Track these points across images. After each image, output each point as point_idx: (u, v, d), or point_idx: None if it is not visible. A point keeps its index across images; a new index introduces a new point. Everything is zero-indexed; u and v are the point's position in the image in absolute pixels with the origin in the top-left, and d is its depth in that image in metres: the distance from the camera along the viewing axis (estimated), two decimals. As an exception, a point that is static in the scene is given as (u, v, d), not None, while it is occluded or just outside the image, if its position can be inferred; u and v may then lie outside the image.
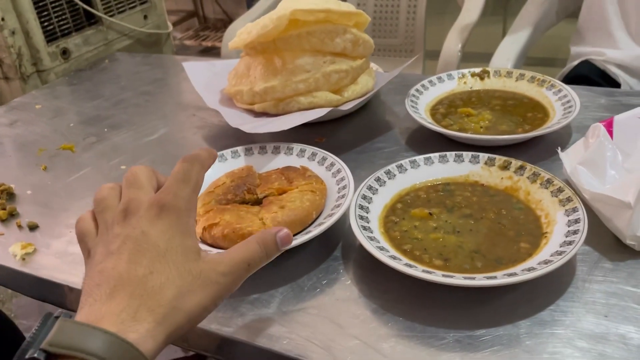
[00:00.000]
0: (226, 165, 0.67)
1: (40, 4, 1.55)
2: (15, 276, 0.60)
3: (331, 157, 0.64)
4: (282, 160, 0.68)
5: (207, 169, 0.44)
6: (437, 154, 0.62)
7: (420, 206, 0.57)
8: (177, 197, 0.40)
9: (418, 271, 0.47)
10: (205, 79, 0.88)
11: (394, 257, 0.49)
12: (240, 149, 0.69)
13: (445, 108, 0.77)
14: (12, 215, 0.68)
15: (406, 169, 0.61)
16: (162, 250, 0.38)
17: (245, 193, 0.61)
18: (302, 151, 0.67)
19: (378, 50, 1.80)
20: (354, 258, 0.55)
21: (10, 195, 0.72)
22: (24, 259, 0.60)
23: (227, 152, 0.69)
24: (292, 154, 0.68)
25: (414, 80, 0.84)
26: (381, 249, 0.50)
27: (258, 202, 0.60)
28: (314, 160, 0.66)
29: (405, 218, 0.56)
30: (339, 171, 0.62)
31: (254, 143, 0.70)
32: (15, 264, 0.60)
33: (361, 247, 0.52)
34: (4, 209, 0.68)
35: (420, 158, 0.62)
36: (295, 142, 0.69)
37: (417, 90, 0.79)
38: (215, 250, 0.54)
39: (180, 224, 0.40)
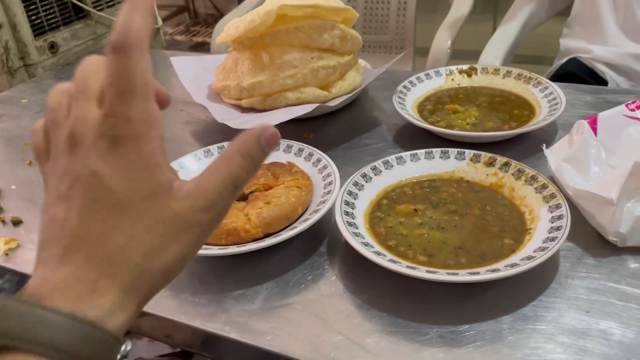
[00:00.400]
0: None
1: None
2: (-2, 271, 0.60)
3: (318, 153, 0.64)
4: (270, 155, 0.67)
5: (149, 43, 0.31)
6: (423, 151, 0.62)
7: (406, 202, 0.57)
8: (130, 121, 0.29)
9: (402, 267, 0.47)
10: (193, 74, 0.87)
11: (378, 253, 0.49)
12: (227, 144, 0.69)
13: (433, 105, 0.77)
14: (-5, 210, 0.68)
15: (392, 165, 0.61)
16: (120, 198, 0.29)
17: None
18: (289, 147, 0.67)
19: (368, 47, 1.80)
20: (339, 254, 0.55)
21: (-6, 190, 0.72)
22: (7, 255, 0.60)
23: (213, 148, 0.68)
24: (278, 149, 0.67)
25: (402, 76, 0.84)
26: (366, 244, 0.50)
27: (244, 198, 0.60)
28: (300, 156, 0.66)
29: (390, 214, 0.56)
30: (325, 167, 0.62)
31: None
32: (-2, 259, 0.59)
33: (346, 243, 0.52)
34: (-12, 204, 0.68)
35: (406, 154, 0.62)
36: (282, 138, 0.68)
37: (404, 86, 0.79)
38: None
39: (141, 155, 0.30)
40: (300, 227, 0.53)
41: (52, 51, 1.63)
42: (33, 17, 1.56)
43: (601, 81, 1.13)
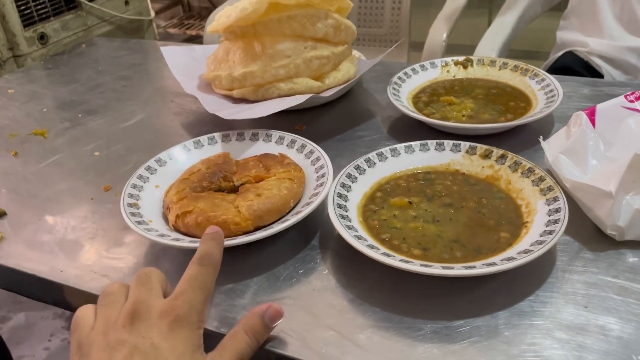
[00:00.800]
0: (202, 152, 0.65)
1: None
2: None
3: (310, 145, 0.63)
4: (260, 147, 0.66)
5: (218, 268, 0.43)
6: (418, 142, 0.61)
7: (400, 195, 0.56)
8: (192, 308, 0.39)
9: (396, 260, 0.46)
10: (184, 64, 0.85)
11: (371, 247, 0.48)
12: (217, 135, 0.67)
13: (428, 96, 0.76)
14: (-21, 202, 0.66)
15: (387, 157, 0.60)
16: None
17: (221, 180, 0.59)
18: (281, 138, 0.66)
19: (363, 40, 1.78)
20: (331, 247, 0.54)
21: (-22, 181, 0.70)
22: (-10, 247, 0.58)
23: (203, 139, 0.67)
24: (270, 140, 0.66)
25: (397, 68, 0.83)
26: (359, 238, 0.49)
27: (234, 190, 0.59)
28: (292, 147, 0.64)
29: (384, 207, 0.55)
30: (318, 159, 0.61)
31: (232, 130, 0.69)
32: (-20, 252, 0.58)
33: (339, 236, 0.50)
34: (-29, 195, 0.66)
35: (401, 146, 0.60)
36: (274, 129, 0.67)
37: (399, 78, 0.77)
38: (187, 239, 0.52)
39: (192, 338, 0.38)
40: (292, 219, 0.52)
41: (42, 42, 1.60)
42: (22, 7, 1.54)
43: (597, 75, 1.12)
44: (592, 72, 1.13)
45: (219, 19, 0.76)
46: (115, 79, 0.99)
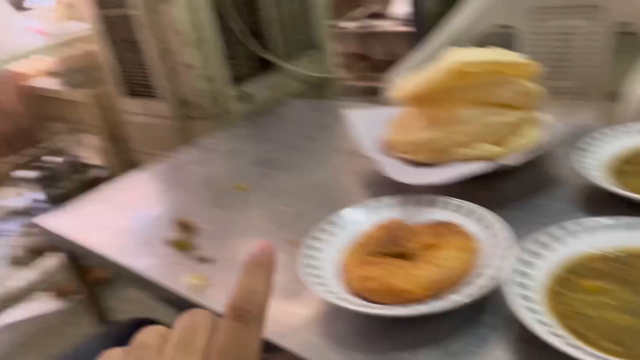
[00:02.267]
0: (379, 215, 0.67)
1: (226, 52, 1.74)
2: (186, 305, 0.67)
3: (489, 216, 0.61)
4: (435, 214, 0.66)
5: (265, 320, 0.33)
6: (613, 218, 0.56)
7: (592, 278, 0.52)
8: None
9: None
10: (365, 126, 0.90)
11: (556, 335, 0.45)
12: (394, 198, 0.69)
13: (631, 166, 0.68)
14: (188, 246, 0.76)
15: (574, 232, 0.56)
16: None
17: (391, 246, 0.60)
18: (459, 207, 0.65)
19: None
20: (505, 325, 0.51)
21: (189, 228, 0.81)
22: (197, 289, 0.66)
23: (379, 202, 0.69)
24: (447, 209, 0.66)
25: (588, 129, 0.77)
26: (543, 323, 0.46)
27: (403, 255, 0.59)
28: (470, 216, 0.63)
29: (573, 290, 0.51)
30: (497, 232, 0.58)
31: (409, 192, 0.69)
32: (187, 293, 0.66)
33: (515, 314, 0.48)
34: (184, 240, 0.77)
35: (591, 220, 0.56)
36: (452, 196, 0.66)
37: (589, 142, 0.71)
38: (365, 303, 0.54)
39: None
40: (473, 293, 0.50)
41: (245, 100, 1.82)
42: (229, 69, 1.76)
43: None
44: None
45: (403, 87, 0.79)
46: (304, 138, 1.08)
